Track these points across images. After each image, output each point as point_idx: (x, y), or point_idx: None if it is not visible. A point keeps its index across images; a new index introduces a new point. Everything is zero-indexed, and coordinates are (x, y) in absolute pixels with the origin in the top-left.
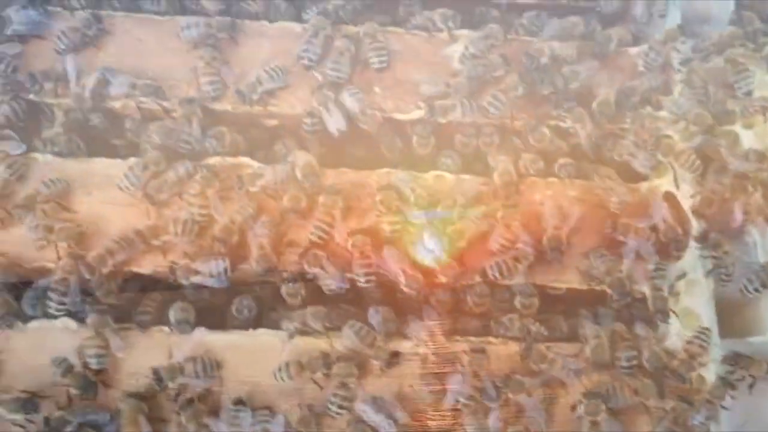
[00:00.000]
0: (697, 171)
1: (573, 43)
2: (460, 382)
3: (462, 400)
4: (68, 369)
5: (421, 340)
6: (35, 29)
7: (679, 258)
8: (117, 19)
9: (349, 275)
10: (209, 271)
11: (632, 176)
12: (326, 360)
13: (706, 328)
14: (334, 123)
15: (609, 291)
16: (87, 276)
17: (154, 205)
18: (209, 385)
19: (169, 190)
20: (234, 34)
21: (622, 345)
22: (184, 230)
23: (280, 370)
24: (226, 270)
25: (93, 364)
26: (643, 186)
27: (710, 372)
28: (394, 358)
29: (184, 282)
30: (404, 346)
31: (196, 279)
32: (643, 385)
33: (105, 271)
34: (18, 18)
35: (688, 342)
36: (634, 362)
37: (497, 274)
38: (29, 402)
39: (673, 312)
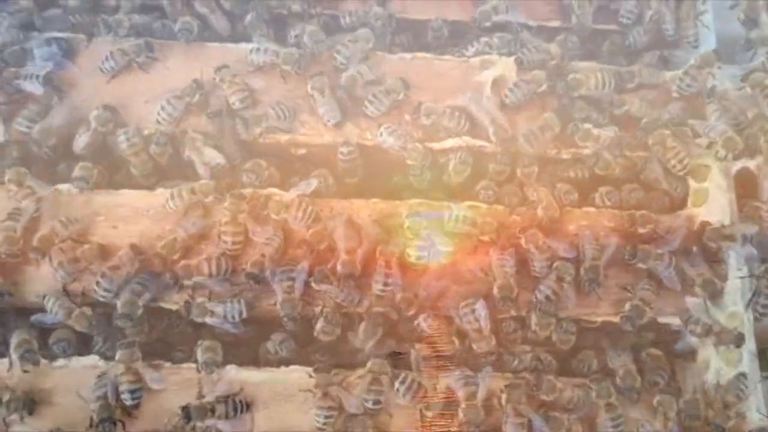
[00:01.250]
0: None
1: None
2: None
3: None
4: (103, 396)
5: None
6: (57, 66)
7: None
8: None
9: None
10: (224, 313)
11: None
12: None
13: (743, 374)
14: (326, 109)
15: (624, 313)
16: (121, 325)
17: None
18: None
19: (181, 248)
20: (299, 70)
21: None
22: (218, 270)
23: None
24: (241, 313)
25: (128, 399)
26: (682, 214)
27: (752, 410)
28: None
29: (199, 321)
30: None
31: (211, 321)
32: (661, 400)
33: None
34: (41, 54)
35: (725, 390)
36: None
37: (544, 301)
38: None
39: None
